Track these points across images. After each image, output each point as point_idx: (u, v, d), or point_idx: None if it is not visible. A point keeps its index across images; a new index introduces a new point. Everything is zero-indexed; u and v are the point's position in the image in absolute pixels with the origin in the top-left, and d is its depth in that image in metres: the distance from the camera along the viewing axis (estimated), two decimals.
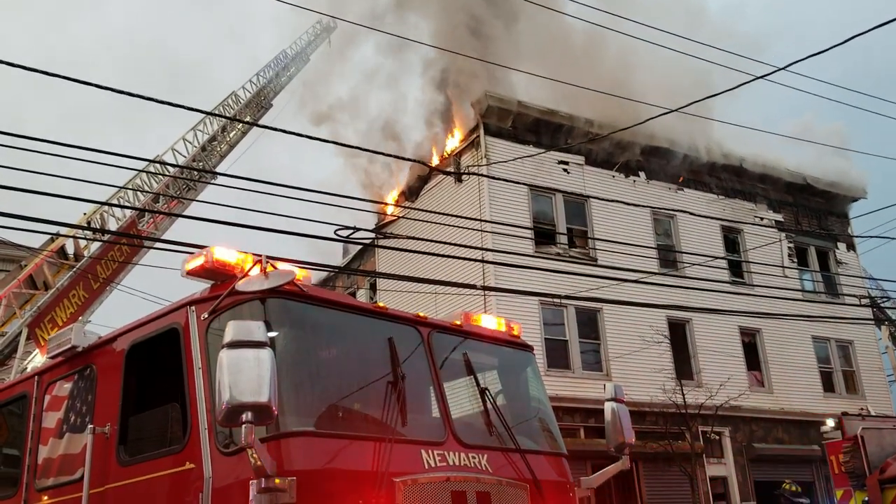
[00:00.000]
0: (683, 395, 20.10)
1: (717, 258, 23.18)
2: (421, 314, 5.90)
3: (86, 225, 17.90)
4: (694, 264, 21.27)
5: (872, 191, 30.47)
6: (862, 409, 24.12)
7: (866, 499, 14.03)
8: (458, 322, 6.20)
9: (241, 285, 4.85)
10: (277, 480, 4.16)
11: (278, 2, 11.41)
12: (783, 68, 9.95)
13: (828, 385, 26.56)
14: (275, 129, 9.88)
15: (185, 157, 22.35)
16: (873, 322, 28.75)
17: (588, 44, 23.17)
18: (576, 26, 15.43)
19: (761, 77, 10.66)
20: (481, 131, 22.79)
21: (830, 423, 17.71)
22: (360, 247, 27.03)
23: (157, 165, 19.23)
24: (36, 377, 6.45)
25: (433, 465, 4.94)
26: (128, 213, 19.61)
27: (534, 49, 24.90)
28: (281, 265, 5.09)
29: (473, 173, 20.87)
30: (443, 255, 13.30)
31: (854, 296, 25.79)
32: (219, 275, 5.07)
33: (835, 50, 8.97)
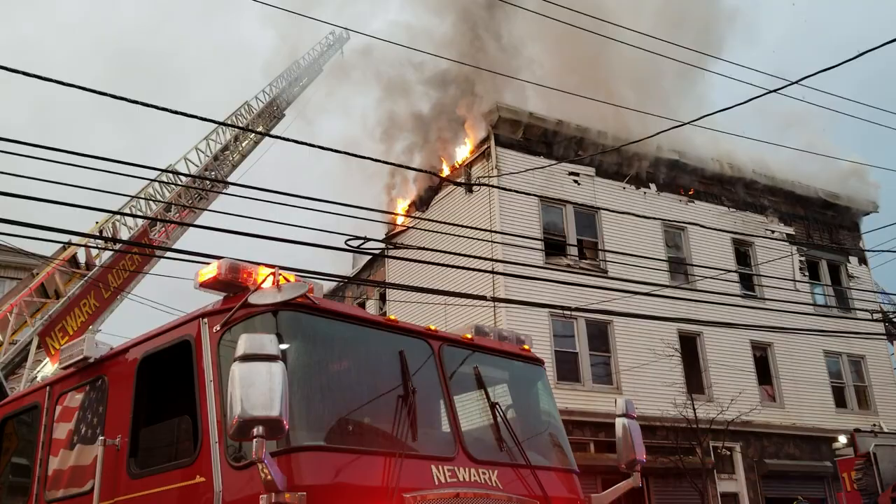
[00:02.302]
0: (694, 409, 19.98)
1: (728, 271, 23.08)
2: (432, 327, 5.88)
3: (98, 234, 17.97)
4: (705, 277, 21.19)
5: (884, 204, 30.35)
6: (874, 425, 23.98)
7: None
8: (469, 335, 6.18)
9: (253, 298, 4.84)
10: (287, 495, 4.14)
11: (280, 9, 11.48)
12: (795, 82, 9.93)
13: (840, 400, 26.35)
14: (287, 140, 9.92)
15: (197, 166, 22.46)
16: (885, 337, 28.53)
17: (595, 55, 23.21)
18: (585, 37, 15.49)
19: (773, 91, 10.63)
20: (492, 142, 22.83)
21: (842, 439, 17.62)
22: (370, 257, 27.06)
23: (170, 175, 19.34)
24: (47, 387, 6.45)
25: (443, 480, 4.91)
26: (140, 222, 19.69)
27: (542, 60, 24.95)
28: (293, 277, 5.09)
29: (484, 184, 20.86)
30: (453, 266, 13.28)
31: (866, 310, 25.60)
32: (231, 287, 5.06)
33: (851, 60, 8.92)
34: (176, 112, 8.27)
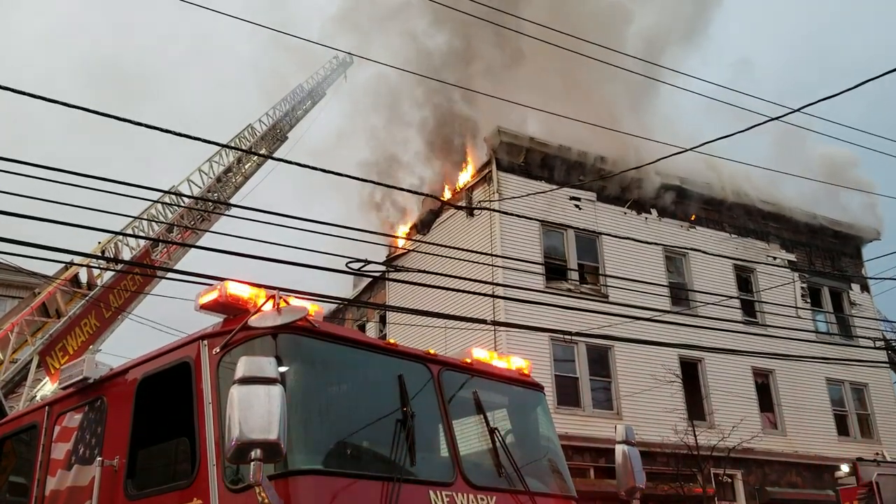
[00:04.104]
0: (695, 436, 19.85)
1: (729, 297, 23.04)
2: (431, 351, 5.87)
3: (100, 254, 18.00)
4: (706, 303, 21.17)
5: (887, 232, 30.33)
6: (877, 454, 23.77)
7: None
8: (469, 360, 6.17)
9: (253, 320, 4.85)
10: None
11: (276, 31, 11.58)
12: (797, 110, 9.99)
13: (842, 428, 26.19)
14: (289, 162, 9.98)
15: (200, 187, 22.55)
16: (888, 365, 28.40)
17: (598, 80, 23.36)
18: (586, 63, 15.74)
19: (775, 118, 10.70)
20: (493, 166, 22.92)
21: (845, 468, 17.46)
22: (370, 279, 27.06)
23: (172, 196, 19.42)
24: (46, 407, 6.44)
25: None
26: (142, 242, 19.73)
27: (544, 85, 25.11)
28: (293, 299, 5.10)
29: (485, 208, 20.92)
30: (453, 290, 13.29)
31: (868, 338, 25.52)
32: (232, 309, 5.07)
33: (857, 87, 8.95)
34: (180, 134, 8.32)
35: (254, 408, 3.97)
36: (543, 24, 12.42)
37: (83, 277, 18.78)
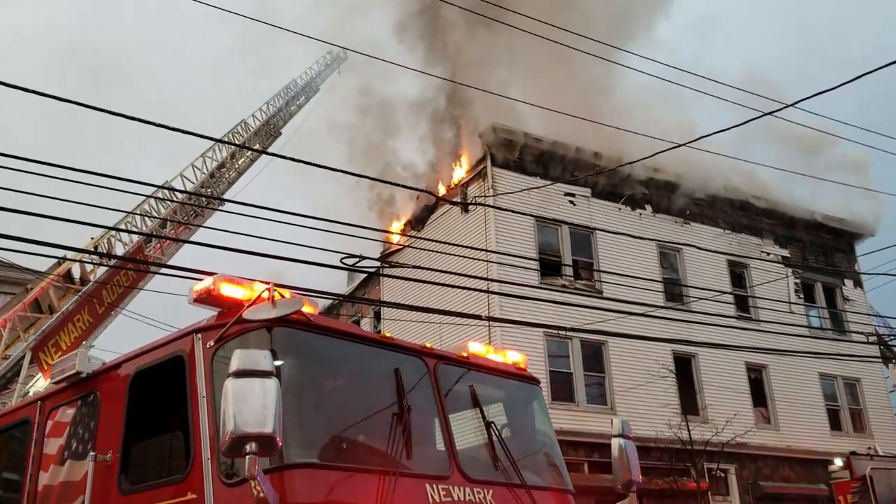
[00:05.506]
0: (689, 430, 19.90)
1: (723, 293, 23.09)
2: (427, 345, 5.85)
3: (93, 249, 17.92)
4: (700, 299, 21.20)
5: (880, 227, 30.39)
6: (870, 448, 23.89)
7: None
8: (465, 353, 6.15)
9: (248, 313, 4.81)
10: None
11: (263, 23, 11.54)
12: (792, 105, 9.98)
13: (835, 423, 26.31)
14: (283, 157, 9.93)
15: (193, 183, 22.47)
16: (881, 360, 28.49)
17: (592, 75, 23.31)
18: (581, 59, 15.72)
19: (768, 113, 10.68)
20: (488, 162, 22.90)
21: (838, 462, 17.54)
22: (365, 275, 27.03)
23: (166, 191, 19.33)
24: (39, 402, 6.39)
25: (438, 499, 4.86)
26: (135, 238, 19.65)
27: (538, 80, 25.06)
28: (288, 293, 5.07)
29: (480, 204, 20.90)
30: (448, 285, 13.25)
31: (861, 333, 25.62)
32: (226, 302, 5.03)
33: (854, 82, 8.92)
34: (174, 129, 8.26)
35: (248, 401, 3.94)
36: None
37: (76, 273, 18.68)
